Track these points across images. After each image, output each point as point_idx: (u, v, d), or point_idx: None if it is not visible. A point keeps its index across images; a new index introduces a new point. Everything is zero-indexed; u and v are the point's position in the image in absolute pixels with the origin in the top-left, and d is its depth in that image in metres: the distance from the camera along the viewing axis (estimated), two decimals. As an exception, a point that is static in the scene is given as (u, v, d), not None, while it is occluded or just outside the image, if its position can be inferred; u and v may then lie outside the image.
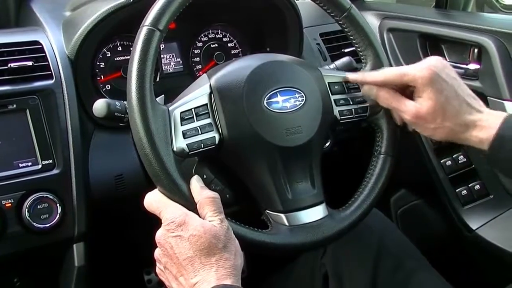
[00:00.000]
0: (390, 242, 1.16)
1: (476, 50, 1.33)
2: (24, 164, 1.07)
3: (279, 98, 0.96)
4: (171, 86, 1.29)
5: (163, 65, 1.36)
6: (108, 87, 1.28)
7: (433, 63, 0.95)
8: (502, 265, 1.27)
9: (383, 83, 1.00)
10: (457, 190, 1.39)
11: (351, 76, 1.04)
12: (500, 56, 1.26)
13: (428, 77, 0.93)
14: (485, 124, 0.92)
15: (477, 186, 1.38)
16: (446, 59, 1.43)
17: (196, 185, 0.88)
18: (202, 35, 1.40)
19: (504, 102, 1.25)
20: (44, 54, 1.15)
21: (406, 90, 1.00)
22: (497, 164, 0.95)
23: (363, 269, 1.12)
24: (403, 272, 1.11)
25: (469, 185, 1.38)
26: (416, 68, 0.95)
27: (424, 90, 0.94)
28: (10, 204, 1.03)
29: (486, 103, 1.29)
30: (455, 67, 1.37)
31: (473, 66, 1.34)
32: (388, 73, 0.99)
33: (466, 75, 1.35)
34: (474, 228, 1.34)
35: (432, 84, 0.93)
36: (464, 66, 1.37)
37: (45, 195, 1.05)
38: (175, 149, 0.88)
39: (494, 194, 1.36)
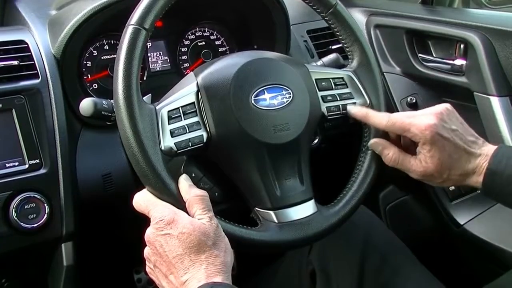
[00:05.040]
0: (377, 237, 1.17)
1: (462, 46, 1.34)
2: (10, 164, 1.06)
3: (267, 95, 0.96)
4: (158, 85, 1.28)
5: (150, 63, 1.35)
6: (95, 86, 1.28)
7: (433, 122, 0.96)
8: (490, 259, 1.28)
9: (385, 129, 1.03)
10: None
11: (353, 110, 1.05)
12: (486, 51, 1.26)
13: (430, 139, 0.96)
14: (481, 169, 0.96)
15: (465, 182, 1.39)
16: (432, 55, 1.44)
17: (185, 183, 0.88)
18: (189, 33, 1.40)
19: (490, 97, 1.26)
20: (29, 54, 1.14)
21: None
22: (493, 197, 0.99)
23: (350, 266, 1.13)
24: (390, 267, 1.12)
25: (457, 180, 1.39)
26: (419, 127, 0.96)
27: (426, 148, 0.97)
28: (-3, 205, 1.02)
29: (473, 99, 1.30)
30: (441, 62, 1.39)
31: (459, 62, 1.35)
32: (392, 122, 1.00)
33: (453, 71, 1.36)
34: (462, 223, 1.35)
35: (434, 144, 0.96)
36: (451, 61, 1.37)
37: (32, 195, 1.05)
38: (163, 148, 0.88)
39: (481, 189, 1.37)
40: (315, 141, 1.28)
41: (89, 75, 1.27)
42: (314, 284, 1.16)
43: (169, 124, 0.90)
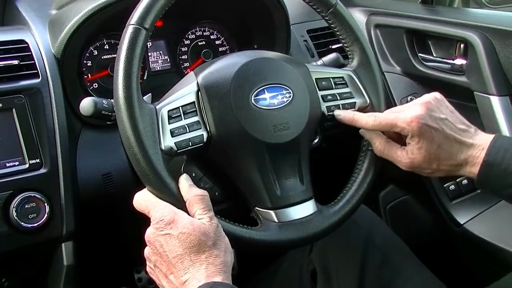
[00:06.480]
0: (378, 237, 1.17)
1: (462, 46, 1.34)
2: (11, 164, 1.06)
3: (267, 95, 0.96)
4: (159, 84, 1.28)
5: (150, 63, 1.35)
6: (95, 85, 1.28)
7: (419, 112, 0.96)
8: (490, 259, 1.28)
9: (373, 129, 1.02)
10: (445, 185, 1.39)
11: (341, 113, 1.04)
12: (486, 51, 1.26)
13: (417, 130, 0.95)
14: (476, 160, 0.94)
15: (465, 181, 1.39)
16: (432, 55, 1.44)
17: (185, 183, 0.88)
18: (190, 32, 1.40)
19: (490, 96, 1.26)
20: (30, 53, 1.14)
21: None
22: (488, 189, 0.97)
23: (351, 265, 1.13)
24: (390, 266, 1.12)
25: (457, 180, 1.39)
26: (405, 121, 0.96)
27: (415, 140, 0.96)
28: (-3, 204, 1.02)
29: (473, 98, 1.30)
30: (441, 62, 1.39)
31: (459, 61, 1.35)
32: (378, 121, 1.00)
33: (453, 71, 1.36)
34: (462, 223, 1.35)
35: (422, 135, 0.95)
36: (451, 61, 1.37)
37: (32, 195, 1.05)
38: (163, 148, 0.88)
39: (481, 188, 1.37)
40: (315, 141, 1.28)
41: (89, 75, 1.27)
42: (315, 283, 1.16)
43: (169, 123, 0.90)
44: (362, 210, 1.12)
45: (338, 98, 1.05)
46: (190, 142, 0.92)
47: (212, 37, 1.42)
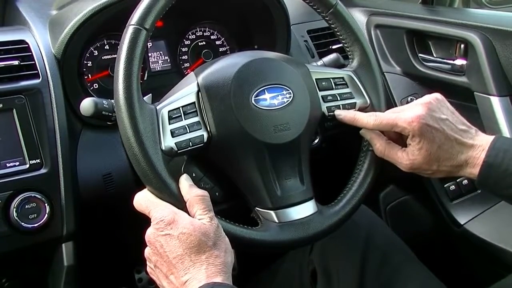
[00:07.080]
0: (378, 237, 1.17)
1: (462, 46, 1.34)
2: (11, 164, 1.06)
3: (267, 95, 0.96)
4: (159, 85, 1.28)
5: (150, 63, 1.35)
6: (95, 86, 1.28)
7: (420, 112, 0.96)
8: (490, 259, 1.28)
9: (374, 129, 1.02)
10: (445, 185, 1.39)
11: (342, 113, 1.04)
12: (486, 51, 1.26)
13: (418, 130, 0.95)
14: (476, 161, 0.94)
15: (465, 181, 1.39)
16: (433, 55, 1.44)
17: (185, 183, 0.88)
18: (190, 32, 1.40)
19: (490, 97, 1.26)
20: (30, 53, 1.14)
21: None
22: (488, 189, 0.97)
23: (351, 265, 1.13)
24: (390, 266, 1.12)
25: (457, 180, 1.39)
26: (406, 120, 0.96)
27: (416, 140, 0.96)
28: (-3, 204, 1.02)
29: (473, 99, 1.30)
30: (441, 62, 1.39)
31: (459, 62, 1.35)
32: (379, 121, 1.00)
33: (453, 71, 1.36)
34: (462, 223, 1.35)
35: (423, 136, 0.95)
36: (451, 61, 1.38)
37: (33, 195, 1.05)
38: (163, 148, 0.88)
39: (481, 189, 1.37)
40: (316, 141, 1.28)
41: (89, 75, 1.27)
42: (315, 283, 1.16)
43: (169, 124, 0.91)
44: (362, 210, 1.12)
45: (339, 99, 1.05)
46: (190, 143, 0.92)
47: (212, 37, 1.43)
